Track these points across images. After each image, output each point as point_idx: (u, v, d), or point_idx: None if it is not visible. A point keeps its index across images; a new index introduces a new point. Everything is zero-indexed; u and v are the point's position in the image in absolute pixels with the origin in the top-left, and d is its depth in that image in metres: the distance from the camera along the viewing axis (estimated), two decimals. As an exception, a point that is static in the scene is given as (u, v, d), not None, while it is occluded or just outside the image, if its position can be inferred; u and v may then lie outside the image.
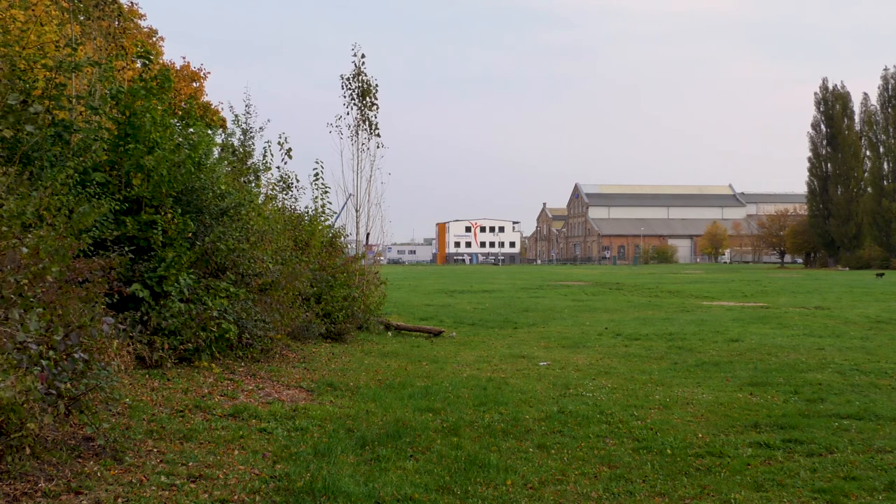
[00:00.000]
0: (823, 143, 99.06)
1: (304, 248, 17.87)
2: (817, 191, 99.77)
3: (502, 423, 9.78)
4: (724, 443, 8.90)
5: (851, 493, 7.14)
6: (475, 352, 17.25)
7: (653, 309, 29.48)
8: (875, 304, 30.86)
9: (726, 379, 13.40)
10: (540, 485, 7.42)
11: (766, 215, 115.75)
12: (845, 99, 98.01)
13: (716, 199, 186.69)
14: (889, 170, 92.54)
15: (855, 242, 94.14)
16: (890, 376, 13.41)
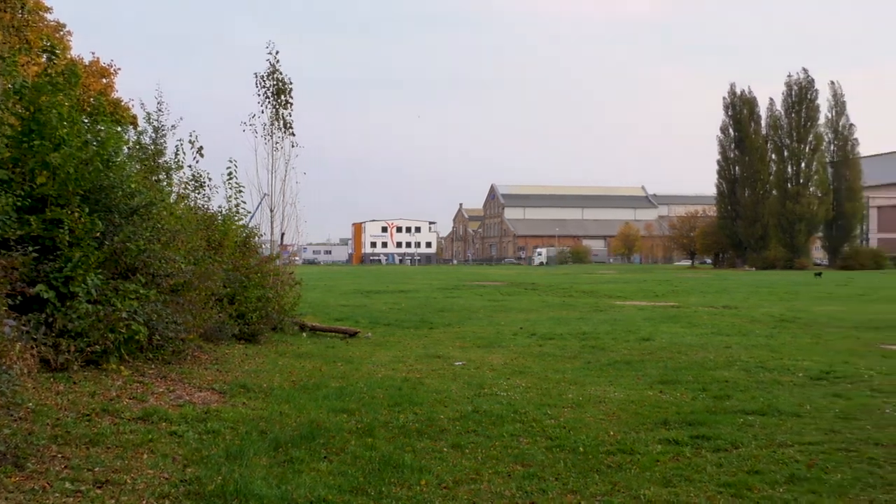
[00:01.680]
0: (732, 146, 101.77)
1: (217, 248, 17.57)
2: (726, 193, 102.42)
3: (417, 424, 9.78)
4: (635, 440, 9.05)
5: (755, 486, 7.34)
6: (391, 352, 17.21)
7: (567, 309, 29.86)
8: (779, 304, 31.83)
9: (638, 377, 13.63)
10: (454, 484, 7.43)
11: (677, 216, 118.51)
12: (752, 104, 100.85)
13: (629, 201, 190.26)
14: (793, 173, 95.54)
15: (761, 243, 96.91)
16: (792, 373, 13.82)
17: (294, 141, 20.99)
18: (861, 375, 13.51)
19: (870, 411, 10.59)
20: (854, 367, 14.34)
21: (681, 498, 7.07)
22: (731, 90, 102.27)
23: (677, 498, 7.08)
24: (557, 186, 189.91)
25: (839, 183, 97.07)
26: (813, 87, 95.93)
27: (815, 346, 18.01)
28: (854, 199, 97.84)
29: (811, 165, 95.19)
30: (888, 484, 7.40)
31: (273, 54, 20.56)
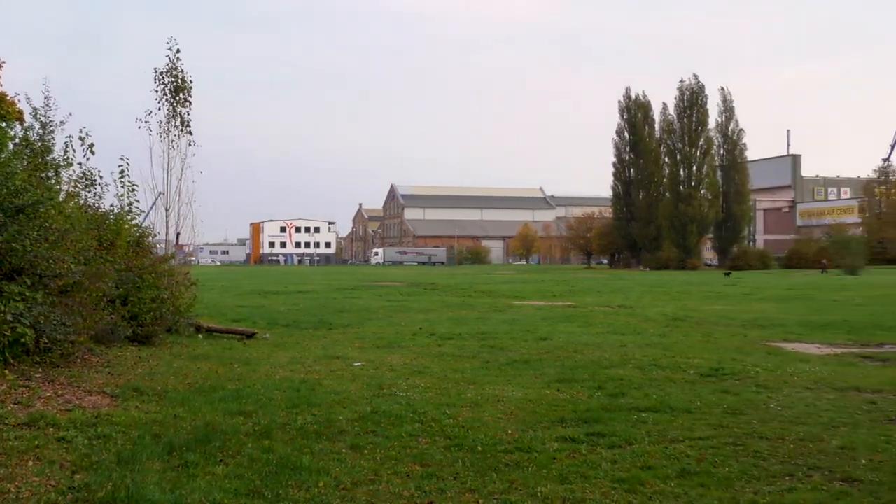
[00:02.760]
0: (627, 149, 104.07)
1: (109, 247, 17.06)
2: (621, 194, 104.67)
3: (315, 425, 9.69)
4: (533, 438, 9.16)
5: (647, 481, 7.52)
6: (289, 353, 17.02)
7: (466, 309, 30.06)
8: (672, 303, 32.69)
9: (535, 376, 13.79)
10: (352, 485, 7.40)
11: (574, 217, 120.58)
12: (646, 108, 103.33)
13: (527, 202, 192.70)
14: (685, 176, 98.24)
15: (655, 244, 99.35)
16: (684, 371, 14.19)
17: (191, 139, 20.53)
18: (748, 372, 13.97)
19: (755, 406, 10.96)
20: (741, 364, 14.81)
21: (576, 494, 7.19)
22: (626, 94, 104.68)
23: (573, 494, 7.19)
24: (457, 187, 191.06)
25: (728, 186, 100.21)
26: (703, 93, 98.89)
27: (705, 344, 18.55)
28: (742, 201, 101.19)
29: (702, 169, 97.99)
30: (772, 476, 7.67)
31: (173, 51, 20.07)
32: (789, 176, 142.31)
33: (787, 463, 8.09)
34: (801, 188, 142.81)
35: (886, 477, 7.54)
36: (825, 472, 7.76)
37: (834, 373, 14.05)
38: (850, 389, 12.31)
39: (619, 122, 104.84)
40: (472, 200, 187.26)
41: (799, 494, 7.11)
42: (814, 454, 8.39)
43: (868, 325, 22.65)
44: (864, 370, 14.65)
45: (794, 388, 12.41)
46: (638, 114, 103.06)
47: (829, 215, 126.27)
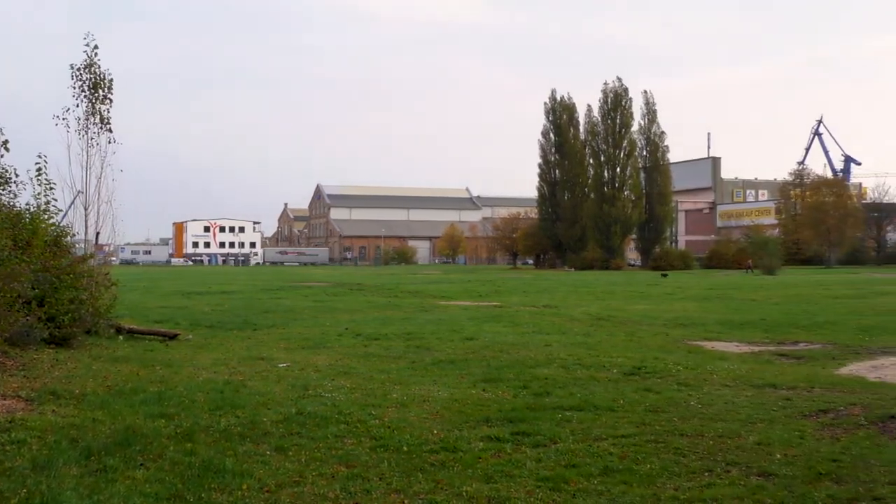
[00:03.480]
0: (552, 150, 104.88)
1: (24, 247, 16.60)
2: (547, 195, 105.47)
3: (239, 427, 9.58)
4: (458, 438, 9.19)
5: (571, 479, 7.60)
6: (213, 354, 16.79)
7: (393, 309, 30.02)
8: (597, 303, 33.13)
9: (461, 376, 13.83)
10: (277, 488, 7.33)
11: (500, 218, 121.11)
12: (572, 110, 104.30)
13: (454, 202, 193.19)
14: (609, 177, 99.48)
15: (580, 244, 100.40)
16: (607, 369, 14.39)
17: (112, 137, 20.08)
18: (669, 370, 14.22)
19: (676, 404, 11.17)
20: (663, 363, 15.08)
21: (501, 493, 7.24)
22: (552, 96, 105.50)
23: (498, 493, 7.23)
24: (384, 187, 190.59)
25: (651, 187, 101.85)
26: (627, 96, 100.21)
27: (628, 343, 18.84)
28: (664, 202, 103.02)
29: (626, 170, 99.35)
30: (692, 472, 7.83)
31: (91, 47, 19.60)
32: (709, 178, 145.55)
33: (706, 459, 8.26)
34: (721, 190, 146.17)
35: (800, 471, 7.75)
36: (742, 468, 7.94)
37: (751, 370, 14.40)
38: (767, 386, 12.63)
39: (544, 124, 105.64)
40: (399, 200, 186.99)
41: (717, 490, 7.27)
42: (732, 450, 8.59)
43: (784, 324, 23.27)
44: (780, 368, 15.04)
45: (713, 386, 12.67)
46: (563, 115, 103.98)
47: (747, 217, 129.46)
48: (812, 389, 12.35)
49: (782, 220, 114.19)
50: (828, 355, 16.96)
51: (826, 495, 7.05)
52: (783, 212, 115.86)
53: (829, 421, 10.03)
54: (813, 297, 35.98)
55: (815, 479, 7.50)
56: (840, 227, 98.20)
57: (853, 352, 17.51)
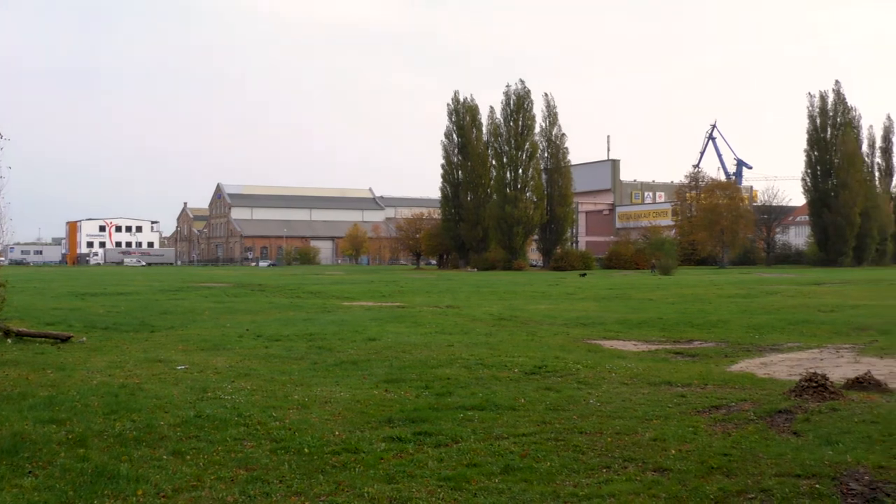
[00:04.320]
0: (455, 151, 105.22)
1: None
2: (450, 196, 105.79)
3: (135, 431, 9.34)
4: (360, 438, 9.16)
5: (473, 478, 7.65)
6: (108, 357, 16.34)
7: (294, 310, 29.72)
8: (499, 303, 33.40)
9: (364, 377, 13.79)
10: (174, 492, 7.18)
11: (404, 218, 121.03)
12: (475, 111, 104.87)
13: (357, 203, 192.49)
14: (511, 178, 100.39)
15: (483, 245, 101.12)
16: (509, 369, 14.52)
17: (-2, 133, 19.33)
18: (569, 369, 14.44)
19: (576, 402, 11.35)
20: (563, 362, 15.29)
21: (403, 494, 7.24)
22: (454, 97, 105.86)
23: (400, 494, 7.23)
24: (286, 187, 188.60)
25: (552, 189, 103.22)
26: (529, 98, 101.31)
27: (529, 342, 19.05)
28: (565, 204, 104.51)
29: (528, 172, 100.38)
30: (590, 469, 7.97)
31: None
32: (609, 180, 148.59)
33: (604, 456, 8.42)
34: (620, 192, 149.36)
35: (693, 465, 7.97)
36: (639, 463, 8.13)
37: (648, 368, 14.73)
38: (663, 384, 12.93)
39: (447, 125, 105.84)
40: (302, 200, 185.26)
41: (615, 485, 7.42)
42: (629, 446, 8.77)
43: (679, 323, 23.87)
44: (676, 365, 15.43)
45: (611, 384, 12.92)
46: (466, 117, 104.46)
47: (645, 218, 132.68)
48: (705, 386, 12.71)
49: (678, 222, 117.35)
50: (720, 353, 17.49)
51: (717, 488, 7.26)
52: (679, 213, 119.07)
53: (721, 416, 10.33)
54: (707, 296, 37.00)
55: (707, 473, 7.72)
56: (733, 229, 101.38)
57: (744, 349, 18.09)
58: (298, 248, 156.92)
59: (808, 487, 7.25)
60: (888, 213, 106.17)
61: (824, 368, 14.04)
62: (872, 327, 21.93)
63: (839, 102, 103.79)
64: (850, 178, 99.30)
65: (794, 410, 10.35)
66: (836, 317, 25.20)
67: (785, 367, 15.18)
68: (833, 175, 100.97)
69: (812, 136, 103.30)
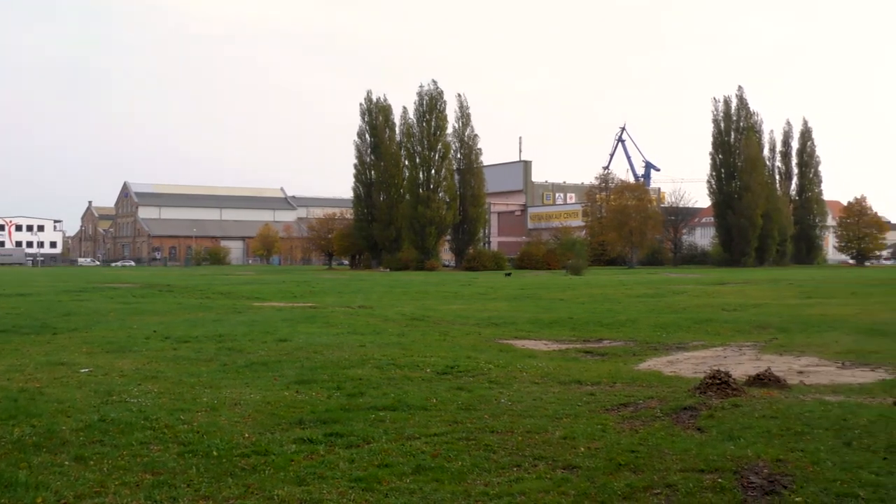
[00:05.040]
0: (368, 151, 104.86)
1: None
2: (362, 196, 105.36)
3: (35, 437, 9.06)
4: (270, 441, 9.05)
5: (384, 479, 7.63)
6: (6, 360, 15.79)
7: (204, 311, 29.23)
8: (411, 303, 33.40)
9: (275, 378, 13.63)
10: (75, 499, 6.98)
11: (316, 218, 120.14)
12: (387, 111, 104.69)
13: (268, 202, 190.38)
14: (424, 179, 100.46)
15: (395, 245, 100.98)
16: (421, 369, 14.53)
17: None
18: (481, 369, 14.51)
19: (488, 402, 11.42)
20: (475, 362, 15.36)
21: (314, 496, 7.18)
22: (367, 97, 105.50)
23: (310, 496, 7.17)
24: (195, 186, 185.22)
25: (465, 189, 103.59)
26: (442, 99, 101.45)
27: (442, 342, 19.09)
28: (478, 204, 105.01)
29: (441, 172, 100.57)
30: (501, 468, 8.02)
31: None
32: (521, 181, 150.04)
33: (515, 454, 8.49)
34: (532, 193, 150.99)
35: (601, 462, 8.10)
36: (549, 461, 8.21)
37: (559, 367, 14.91)
38: (573, 383, 13.11)
39: (360, 125, 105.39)
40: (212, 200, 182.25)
41: (525, 483, 7.48)
42: (539, 445, 8.86)
43: (589, 322, 24.23)
44: (585, 364, 15.66)
45: (522, 384, 13.04)
46: (379, 117, 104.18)
47: (556, 219, 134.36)
48: (614, 385, 12.93)
49: (589, 223, 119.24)
50: (629, 352, 17.82)
51: (625, 484, 7.39)
52: (589, 214, 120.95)
53: (629, 414, 10.52)
54: (616, 296, 37.65)
55: (615, 470, 7.86)
56: (641, 230, 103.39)
57: (651, 348, 18.47)
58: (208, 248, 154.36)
59: (711, 482, 7.44)
60: (788, 215, 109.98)
61: (727, 366, 14.43)
62: (772, 325, 22.64)
63: (742, 107, 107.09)
64: (752, 181, 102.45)
65: (698, 407, 10.60)
66: (739, 316, 25.93)
67: (690, 365, 15.55)
68: (736, 178, 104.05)
69: (717, 140, 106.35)
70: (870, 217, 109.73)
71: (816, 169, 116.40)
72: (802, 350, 17.52)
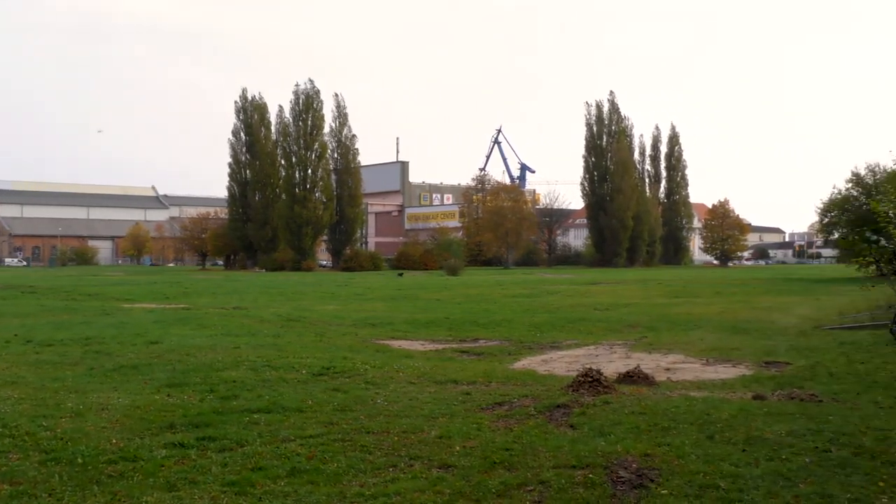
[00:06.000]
0: (243, 150, 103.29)
1: None
2: (237, 195, 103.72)
3: None
4: (139, 446, 8.79)
5: (258, 482, 7.51)
6: None
7: (70, 313, 28.17)
8: (287, 304, 33.06)
9: (145, 381, 13.26)
10: (-73, 513, 6.62)
11: (189, 218, 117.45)
12: (263, 109, 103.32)
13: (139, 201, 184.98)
14: (300, 178, 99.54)
15: (271, 245, 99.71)
16: (297, 370, 14.37)
17: None
18: (358, 369, 14.46)
19: (364, 402, 11.38)
20: (352, 363, 15.28)
21: (184, 501, 7.02)
22: (242, 94, 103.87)
23: (181, 501, 7.01)
24: (62, 184, 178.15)
25: (342, 189, 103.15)
26: (319, 98, 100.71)
27: (318, 343, 18.95)
28: (355, 205, 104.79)
29: (317, 172, 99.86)
30: (377, 468, 8.00)
31: None
32: (398, 181, 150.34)
33: (391, 455, 8.49)
34: (409, 193, 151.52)
35: (476, 461, 8.18)
36: (425, 461, 8.24)
37: (435, 367, 15.00)
38: (449, 382, 13.20)
39: (235, 123, 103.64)
40: (78, 198, 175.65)
41: (401, 484, 7.49)
42: (415, 445, 8.88)
43: (466, 322, 24.48)
44: (461, 364, 15.80)
45: (399, 384, 13.05)
46: (255, 115, 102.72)
47: (433, 219, 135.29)
48: (490, 384, 13.08)
49: (465, 224, 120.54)
50: (504, 351, 18.08)
51: (499, 482, 7.48)
52: (466, 215, 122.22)
53: (503, 413, 10.66)
54: (492, 296, 38.16)
55: (490, 468, 7.94)
56: (517, 231, 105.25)
57: (526, 347, 18.79)
58: (75, 248, 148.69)
59: (583, 477, 7.61)
60: (657, 217, 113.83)
61: (599, 364, 14.82)
62: (642, 324, 23.38)
63: (614, 112, 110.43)
64: (623, 184, 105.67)
65: (571, 405, 10.83)
66: (611, 315, 26.66)
67: (564, 364, 15.88)
68: (608, 180, 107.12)
69: (589, 143, 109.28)
70: (732, 219, 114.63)
71: (683, 172, 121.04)
72: (670, 348, 18.15)
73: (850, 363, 15.03)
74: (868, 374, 13.64)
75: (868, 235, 34.59)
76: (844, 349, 17.02)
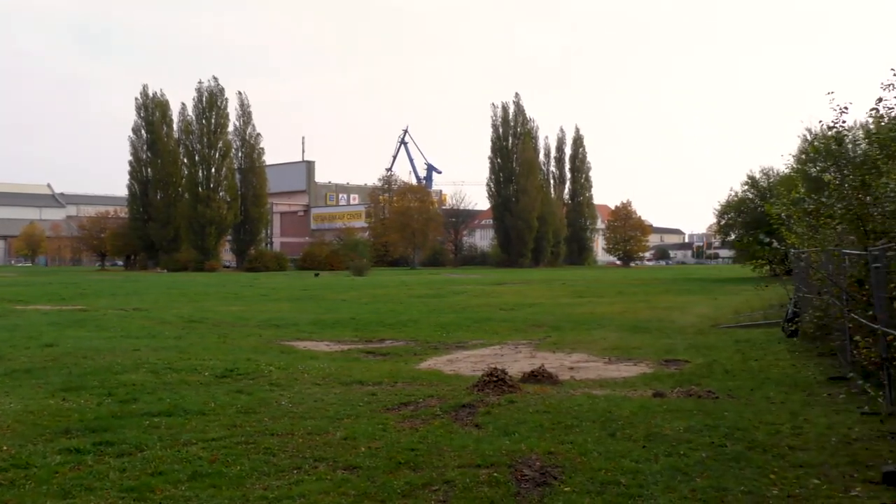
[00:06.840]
0: (144, 147, 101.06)
1: None
2: (138, 194, 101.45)
3: None
4: (32, 452, 8.49)
5: (158, 487, 7.33)
6: None
7: (-41, 315, 27.09)
8: (189, 305, 32.45)
9: (38, 386, 12.84)
10: None
11: (87, 217, 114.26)
12: (165, 107, 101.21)
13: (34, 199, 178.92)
14: (203, 177, 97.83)
15: (174, 245, 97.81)
16: (199, 372, 14.12)
17: None
18: (262, 371, 14.29)
19: (268, 404, 11.24)
20: (256, 364, 15.10)
21: (80, 508, 6.81)
22: (143, 91, 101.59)
23: (76, 509, 6.80)
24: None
25: (247, 189, 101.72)
26: (223, 96, 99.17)
27: (221, 345, 18.67)
28: (260, 204, 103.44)
29: (221, 171, 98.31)
30: (281, 471, 7.90)
31: None
32: (304, 181, 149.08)
33: (295, 457, 8.40)
34: (315, 193, 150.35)
35: (382, 462, 8.15)
36: (330, 462, 8.18)
37: (340, 368, 14.93)
38: (355, 383, 13.15)
39: (135, 120, 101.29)
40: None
41: (306, 486, 7.41)
42: (320, 446, 8.81)
43: (372, 323, 24.43)
44: (367, 364, 15.76)
45: (304, 385, 12.94)
46: (156, 112, 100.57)
47: (340, 220, 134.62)
48: (395, 384, 13.08)
49: (372, 224, 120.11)
50: (410, 351, 18.10)
51: (404, 482, 7.47)
52: (373, 216, 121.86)
53: (409, 413, 10.66)
54: (398, 296, 38.17)
55: (395, 469, 7.93)
56: (424, 231, 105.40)
57: (433, 347, 18.85)
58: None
59: (487, 476, 7.66)
60: (562, 218, 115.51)
61: (504, 363, 14.95)
62: (546, 324, 23.70)
63: (519, 113, 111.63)
64: (528, 185, 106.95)
65: (476, 404, 10.91)
66: (516, 315, 26.95)
67: (469, 364, 15.98)
68: (514, 181, 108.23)
69: (495, 144, 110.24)
70: (634, 221, 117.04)
71: (587, 174, 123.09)
72: (573, 347, 18.44)
73: (745, 360, 15.56)
74: (761, 371, 14.14)
75: (762, 237, 35.74)
76: (740, 347, 17.61)
